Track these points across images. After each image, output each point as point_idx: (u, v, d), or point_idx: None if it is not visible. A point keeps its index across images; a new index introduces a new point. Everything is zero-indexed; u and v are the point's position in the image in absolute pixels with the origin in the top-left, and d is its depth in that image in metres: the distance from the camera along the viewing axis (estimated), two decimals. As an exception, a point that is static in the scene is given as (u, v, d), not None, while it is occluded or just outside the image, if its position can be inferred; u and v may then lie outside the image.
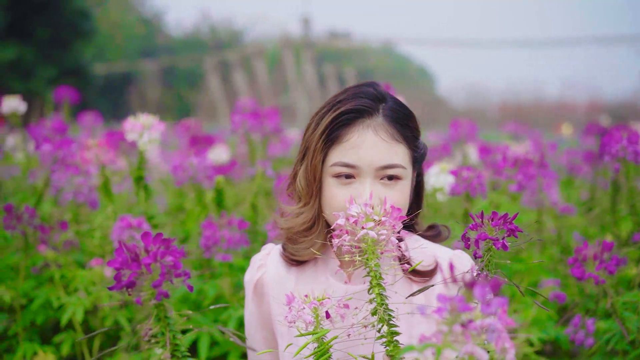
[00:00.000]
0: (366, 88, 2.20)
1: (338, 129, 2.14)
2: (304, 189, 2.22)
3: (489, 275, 1.78)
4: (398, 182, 2.12)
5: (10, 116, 5.54)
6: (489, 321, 1.21)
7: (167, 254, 1.57)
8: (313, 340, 1.81)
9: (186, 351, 1.75)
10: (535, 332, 2.93)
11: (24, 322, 3.19)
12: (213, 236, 3.16)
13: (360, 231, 1.70)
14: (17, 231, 3.16)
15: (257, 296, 2.39)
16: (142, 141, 3.26)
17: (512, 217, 1.73)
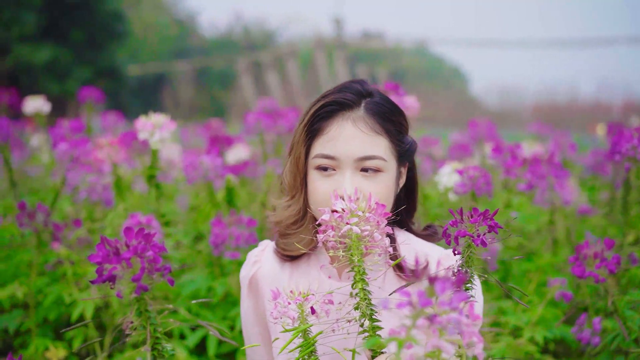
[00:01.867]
0: (353, 84, 2.23)
1: (319, 121, 2.17)
2: (290, 183, 2.26)
3: (469, 272, 1.78)
4: (379, 175, 2.13)
5: (35, 116, 5.61)
6: (452, 316, 1.22)
7: (148, 249, 1.59)
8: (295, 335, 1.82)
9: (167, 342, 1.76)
10: (540, 331, 2.92)
11: (37, 318, 3.25)
12: (222, 234, 3.19)
13: (344, 227, 1.71)
14: (30, 229, 3.23)
15: (252, 292, 2.42)
16: (153, 140, 3.30)
17: (492, 214, 1.74)
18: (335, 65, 34.89)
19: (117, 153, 3.39)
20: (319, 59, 34.25)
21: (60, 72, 29.84)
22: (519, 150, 3.52)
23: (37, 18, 29.03)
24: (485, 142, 5.29)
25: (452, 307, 1.16)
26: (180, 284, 3.33)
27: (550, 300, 3.10)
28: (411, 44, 51.55)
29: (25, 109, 5.60)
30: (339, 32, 36.39)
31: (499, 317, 3.12)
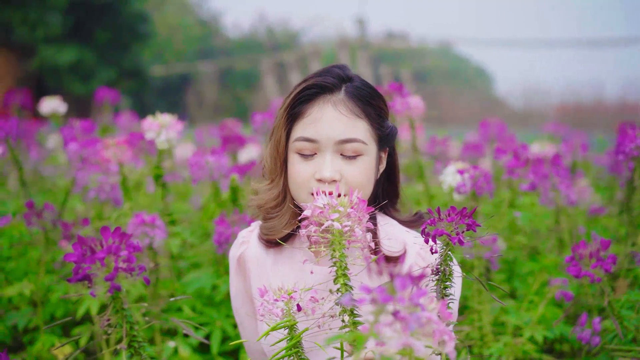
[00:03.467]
0: (334, 69, 2.26)
1: (300, 104, 2.21)
2: (270, 166, 2.29)
3: (446, 270, 1.80)
4: (359, 158, 2.17)
5: (51, 116, 5.67)
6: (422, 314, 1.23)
7: (122, 249, 1.62)
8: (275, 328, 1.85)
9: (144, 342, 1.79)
10: (540, 330, 2.92)
11: (45, 315, 3.29)
12: (225, 233, 3.23)
13: (326, 222, 1.73)
14: (37, 227, 3.28)
15: (240, 271, 2.46)
16: (159, 140, 3.33)
17: (470, 212, 1.75)
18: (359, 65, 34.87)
19: (123, 153, 3.43)
20: (342, 60, 34.23)
21: (85, 73, 30.02)
22: (523, 150, 3.52)
23: (63, 19, 29.23)
24: (496, 142, 5.30)
25: (413, 303, 1.18)
26: (185, 282, 3.37)
27: (552, 300, 3.11)
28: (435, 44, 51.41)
29: (42, 110, 5.66)
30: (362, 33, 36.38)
31: (501, 316, 3.13)
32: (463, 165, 3.29)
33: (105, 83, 27.90)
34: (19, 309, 3.43)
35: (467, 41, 47.78)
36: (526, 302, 3.17)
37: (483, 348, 2.94)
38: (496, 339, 2.96)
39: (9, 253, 3.55)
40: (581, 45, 45.40)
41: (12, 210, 4.06)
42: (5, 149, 3.84)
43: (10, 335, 3.35)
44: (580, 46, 49.19)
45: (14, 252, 3.55)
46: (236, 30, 60.05)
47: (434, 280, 1.85)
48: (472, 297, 3.05)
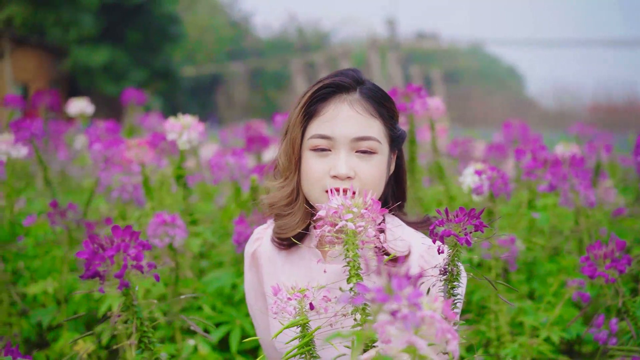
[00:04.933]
0: (349, 71, 2.31)
1: (316, 102, 2.24)
2: (284, 164, 2.32)
3: (454, 271, 1.82)
4: (373, 156, 2.21)
5: (79, 117, 5.74)
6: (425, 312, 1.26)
7: (131, 247, 1.65)
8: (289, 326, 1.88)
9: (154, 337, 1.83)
10: (556, 331, 2.93)
11: (68, 313, 3.35)
12: (244, 232, 3.27)
13: (340, 222, 1.75)
14: (61, 226, 3.34)
15: (253, 267, 2.50)
16: (181, 141, 3.38)
17: (478, 213, 1.77)
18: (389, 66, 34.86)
19: (145, 153, 3.47)
20: (372, 60, 34.25)
21: (117, 74, 30.28)
22: (541, 151, 3.51)
23: (95, 21, 29.52)
24: (520, 143, 5.29)
25: (406, 302, 1.20)
26: (206, 281, 3.41)
27: (569, 300, 3.11)
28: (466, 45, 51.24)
29: (70, 110, 5.74)
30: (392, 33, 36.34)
31: (519, 317, 3.13)
32: (481, 166, 3.29)
33: (137, 84, 28.14)
34: (45, 306, 3.49)
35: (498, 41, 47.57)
36: (544, 302, 3.17)
37: (500, 348, 2.94)
38: (513, 340, 2.97)
39: (35, 252, 3.61)
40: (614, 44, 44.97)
41: (38, 210, 4.12)
42: (31, 149, 3.90)
43: (35, 332, 3.41)
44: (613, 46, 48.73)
45: (39, 250, 3.61)
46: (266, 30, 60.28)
47: (441, 280, 1.87)
48: (489, 298, 3.06)
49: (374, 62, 34.09)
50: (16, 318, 3.34)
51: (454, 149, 5.83)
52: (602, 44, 45.76)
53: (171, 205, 4.05)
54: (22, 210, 4.09)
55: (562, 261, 3.38)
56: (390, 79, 33.25)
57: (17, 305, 3.37)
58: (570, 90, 46.08)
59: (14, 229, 3.71)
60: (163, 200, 4.01)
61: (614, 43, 44.99)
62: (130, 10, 31.20)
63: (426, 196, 4.31)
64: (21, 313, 3.41)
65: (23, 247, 3.56)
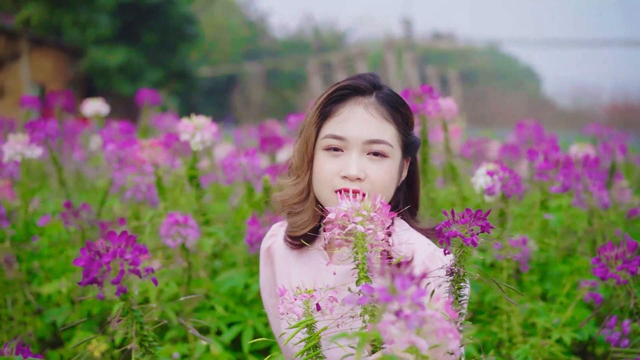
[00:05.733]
0: (367, 75, 2.34)
1: (332, 103, 2.28)
2: (297, 162, 2.35)
3: (460, 272, 1.82)
4: (384, 160, 2.23)
5: (95, 117, 5.77)
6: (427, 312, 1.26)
7: (127, 252, 1.66)
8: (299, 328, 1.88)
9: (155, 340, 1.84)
10: (568, 332, 2.92)
11: (82, 313, 3.37)
12: (257, 233, 3.28)
13: (349, 225, 1.76)
14: (75, 226, 3.37)
15: (267, 262, 2.57)
16: (194, 141, 3.39)
17: (484, 214, 1.77)
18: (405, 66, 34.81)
19: (158, 154, 3.49)
20: (388, 60, 34.22)
21: (133, 74, 30.38)
22: (554, 152, 3.50)
23: (111, 21, 29.63)
24: (533, 143, 5.27)
25: (410, 303, 1.21)
26: (219, 281, 3.43)
27: (582, 302, 3.10)
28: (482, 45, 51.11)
29: (85, 111, 5.77)
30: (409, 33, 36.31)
31: (531, 318, 3.13)
32: (493, 167, 3.29)
33: (153, 84, 28.25)
34: (59, 305, 3.51)
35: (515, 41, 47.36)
36: (557, 304, 3.17)
37: (512, 349, 2.94)
38: (525, 341, 2.96)
39: (49, 251, 3.64)
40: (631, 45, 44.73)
41: (52, 210, 4.15)
42: (46, 149, 3.93)
43: (49, 332, 3.43)
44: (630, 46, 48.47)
45: (53, 250, 3.64)
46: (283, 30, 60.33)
47: (447, 281, 1.87)
48: (501, 299, 3.06)
49: (390, 63, 34.07)
50: (30, 317, 3.36)
51: (467, 149, 5.82)
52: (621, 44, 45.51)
53: (185, 205, 4.07)
54: (36, 210, 4.12)
55: (575, 262, 3.37)
56: (406, 79, 33.22)
57: (31, 304, 3.39)
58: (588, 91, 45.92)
59: (28, 229, 3.74)
60: (177, 200, 4.02)
61: (633, 43, 44.73)
62: (147, 11, 31.29)
63: (439, 197, 4.31)
64: (36, 312, 3.43)
65: (37, 246, 3.59)
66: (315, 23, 58.20)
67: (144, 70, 30.92)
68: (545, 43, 59.98)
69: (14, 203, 3.88)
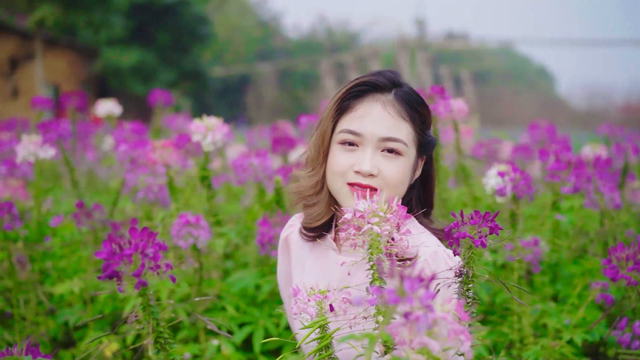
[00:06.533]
0: (387, 72, 2.35)
1: (350, 98, 2.30)
2: (313, 155, 2.38)
3: (469, 273, 1.82)
4: (398, 157, 2.25)
5: (107, 118, 5.78)
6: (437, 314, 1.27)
7: (149, 247, 1.67)
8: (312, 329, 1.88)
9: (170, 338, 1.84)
10: (580, 333, 2.91)
11: (94, 312, 3.39)
12: (268, 234, 3.29)
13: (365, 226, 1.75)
14: (87, 227, 3.38)
15: (285, 252, 2.60)
16: (205, 142, 3.40)
17: (493, 215, 1.77)
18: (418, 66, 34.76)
19: (169, 154, 3.50)
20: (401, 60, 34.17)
21: (147, 75, 30.50)
22: (565, 152, 3.49)
23: (125, 22, 29.74)
24: (546, 144, 5.25)
25: (418, 305, 1.21)
26: (230, 281, 3.43)
27: (593, 303, 3.09)
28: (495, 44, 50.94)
29: (98, 112, 5.79)
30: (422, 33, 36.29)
31: (542, 319, 3.12)
32: (504, 167, 3.28)
33: (166, 84, 28.34)
34: (72, 305, 3.53)
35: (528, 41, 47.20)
36: (568, 305, 3.16)
37: (522, 350, 2.94)
38: (536, 342, 2.96)
39: (62, 252, 3.66)
40: (645, 44, 44.52)
41: (65, 210, 4.17)
42: (59, 150, 3.94)
43: (61, 332, 3.45)
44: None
45: (66, 250, 3.65)
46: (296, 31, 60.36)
47: (456, 282, 1.87)
48: (512, 300, 3.05)
49: (403, 63, 34.03)
50: (43, 317, 3.38)
51: (479, 150, 5.82)
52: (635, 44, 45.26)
53: (197, 206, 4.08)
54: (49, 211, 4.14)
55: (586, 263, 3.36)
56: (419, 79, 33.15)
57: (44, 304, 3.41)
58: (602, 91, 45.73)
59: (41, 229, 3.76)
60: (188, 201, 4.03)
61: (646, 42, 44.50)
62: (160, 11, 31.40)
63: (451, 197, 4.31)
64: (48, 312, 3.45)
65: (50, 247, 3.61)
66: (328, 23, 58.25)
67: (157, 70, 31.03)
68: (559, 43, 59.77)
69: (27, 203, 3.90)
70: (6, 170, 3.96)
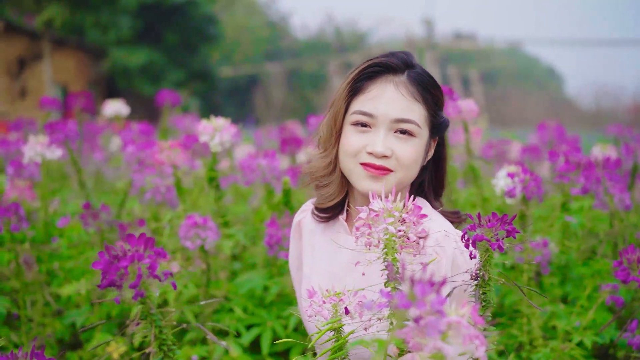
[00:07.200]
0: (400, 54, 2.34)
1: (363, 80, 2.29)
2: (325, 136, 2.38)
3: (485, 276, 1.80)
4: (411, 138, 2.24)
5: (114, 118, 5.78)
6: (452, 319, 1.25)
7: (145, 256, 1.65)
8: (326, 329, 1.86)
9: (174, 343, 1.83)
10: (590, 335, 2.89)
11: (101, 314, 3.37)
12: (276, 235, 3.27)
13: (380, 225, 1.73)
14: (94, 228, 3.37)
15: (297, 237, 2.63)
16: (213, 143, 3.38)
17: (510, 218, 1.75)
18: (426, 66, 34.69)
19: (177, 155, 3.49)
20: (409, 61, 34.09)
21: (155, 75, 30.53)
22: (575, 153, 3.46)
23: (133, 22, 29.80)
24: (555, 144, 5.23)
25: (428, 310, 1.19)
26: (238, 283, 3.42)
27: (603, 305, 3.07)
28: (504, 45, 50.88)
29: (106, 112, 5.78)
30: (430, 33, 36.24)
31: (552, 321, 3.10)
32: (514, 168, 3.26)
33: (174, 84, 28.37)
34: (79, 306, 3.52)
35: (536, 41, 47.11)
36: (578, 306, 3.13)
37: (532, 353, 2.91)
38: (545, 344, 2.94)
39: (69, 253, 3.65)
40: (655, 44, 44.39)
41: (72, 211, 4.16)
42: (66, 151, 3.93)
43: (68, 333, 3.44)
44: (654, 45, 48.11)
45: (73, 251, 3.64)
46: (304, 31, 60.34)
47: (472, 285, 1.85)
48: (521, 301, 3.03)
49: (411, 63, 33.95)
50: (50, 319, 3.37)
51: (488, 150, 5.79)
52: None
53: (204, 206, 4.06)
54: (56, 211, 4.13)
55: (596, 265, 3.33)
56: (427, 79, 33.07)
57: (51, 306, 3.40)
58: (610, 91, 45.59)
59: (48, 230, 3.75)
60: (196, 201, 4.02)
61: (655, 42, 44.39)
62: (168, 11, 31.42)
63: (460, 198, 4.29)
64: (55, 314, 3.44)
65: (57, 248, 3.60)
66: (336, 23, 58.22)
67: (165, 70, 31.06)
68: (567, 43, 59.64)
69: (34, 204, 3.89)
70: (13, 171, 3.96)
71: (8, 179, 4.02)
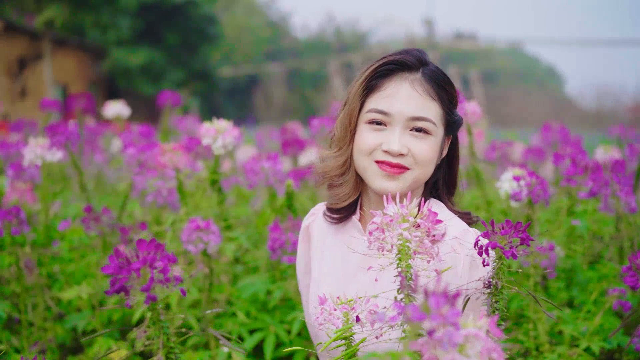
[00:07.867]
0: (414, 51, 2.32)
1: (378, 78, 2.27)
2: (339, 134, 2.35)
3: (498, 284, 1.77)
4: (427, 136, 2.23)
5: (115, 120, 5.75)
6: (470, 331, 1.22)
7: (157, 260, 1.62)
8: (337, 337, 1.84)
9: (181, 352, 1.80)
10: (597, 341, 2.86)
11: (102, 318, 3.35)
12: (279, 239, 3.24)
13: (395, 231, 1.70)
14: (95, 231, 3.34)
15: (306, 240, 2.59)
16: (216, 146, 3.36)
17: (525, 226, 1.72)
18: (426, 66, 34.70)
19: (179, 158, 3.46)
20: (410, 60, 34.10)
21: (155, 75, 30.51)
22: (582, 156, 3.44)
23: (133, 22, 29.78)
24: (559, 146, 5.20)
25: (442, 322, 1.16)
26: (240, 287, 3.39)
27: (610, 309, 3.04)
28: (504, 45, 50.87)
29: (106, 113, 5.75)
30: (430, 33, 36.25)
31: (558, 326, 3.07)
32: (519, 172, 3.23)
33: (175, 84, 28.36)
34: (80, 310, 3.49)
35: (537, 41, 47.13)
36: (584, 311, 3.11)
37: (538, 358, 2.89)
38: (552, 350, 2.91)
39: (70, 256, 3.62)
40: (655, 44, 44.37)
41: (73, 214, 4.13)
42: (66, 153, 3.91)
43: (70, 337, 3.41)
44: (655, 45, 48.09)
45: (74, 255, 3.62)
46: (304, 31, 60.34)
47: (485, 293, 1.83)
48: (527, 306, 3.00)
49: (411, 63, 33.97)
50: (51, 323, 3.34)
51: (492, 153, 5.76)
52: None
53: (207, 209, 4.04)
54: (57, 214, 4.10)
55: (602, 269, 3.31)
56: (428, 80, 33.10)
57: (52, 309, 3.37)
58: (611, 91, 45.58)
59: (49, 233, 3.73)
60: (198, 204, 3.99)
61: (656, 42, 44.40)
62: (168, 12, 31.39)
63: (464, 201, 4.25)
64: (56, 318, 3.41)
65: (58, 251, 3.58)
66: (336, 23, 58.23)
67: (165, 70, 31.04)
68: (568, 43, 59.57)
69: (35, 207, 3.86)
70: (14, 174, 3.93)
71: (8, 181, 3.99)
